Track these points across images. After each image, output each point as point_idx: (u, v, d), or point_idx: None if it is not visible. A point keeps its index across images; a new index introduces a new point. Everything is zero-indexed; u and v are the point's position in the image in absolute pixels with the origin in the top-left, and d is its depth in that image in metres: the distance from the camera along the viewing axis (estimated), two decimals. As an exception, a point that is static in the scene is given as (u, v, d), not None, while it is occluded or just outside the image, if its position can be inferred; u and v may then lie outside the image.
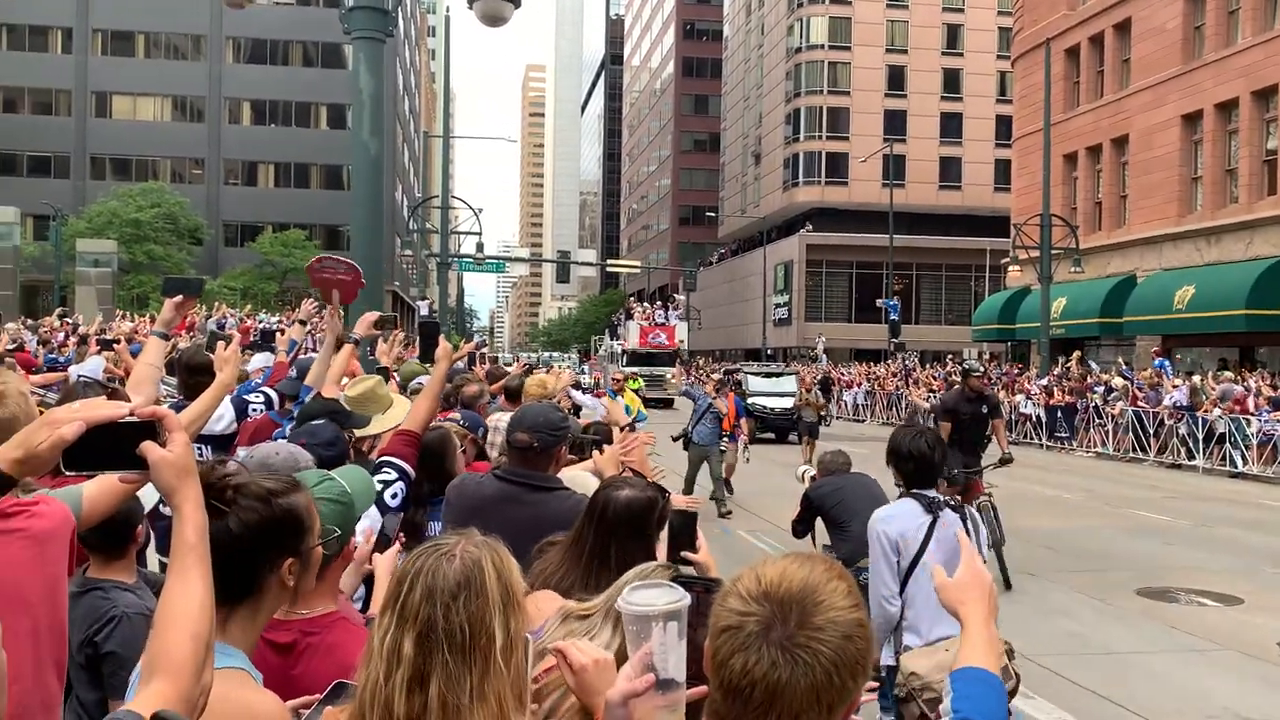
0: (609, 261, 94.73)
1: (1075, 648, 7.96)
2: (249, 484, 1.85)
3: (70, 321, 22.98)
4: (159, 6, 56.65)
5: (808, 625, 1.31)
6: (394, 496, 3.56)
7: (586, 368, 57.42)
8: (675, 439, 14.34)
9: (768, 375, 29.62)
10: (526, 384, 6.92)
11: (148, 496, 3.00)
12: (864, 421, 36.67)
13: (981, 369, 11.21)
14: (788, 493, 10.83)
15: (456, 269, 44.13)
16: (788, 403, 25.19)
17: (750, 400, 24.83)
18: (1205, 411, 21.36)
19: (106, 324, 21.29)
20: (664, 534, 2.99)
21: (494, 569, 1.64)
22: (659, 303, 50.26)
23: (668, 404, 37.54)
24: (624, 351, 41.62)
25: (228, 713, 1.66)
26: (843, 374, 43.48)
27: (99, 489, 2.70)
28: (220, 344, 3.02)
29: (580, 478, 3.71)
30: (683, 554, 2.66)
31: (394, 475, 3.61)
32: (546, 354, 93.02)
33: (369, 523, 3.36)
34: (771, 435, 26.04)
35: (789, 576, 1.36)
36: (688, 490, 13.53)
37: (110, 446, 1.56)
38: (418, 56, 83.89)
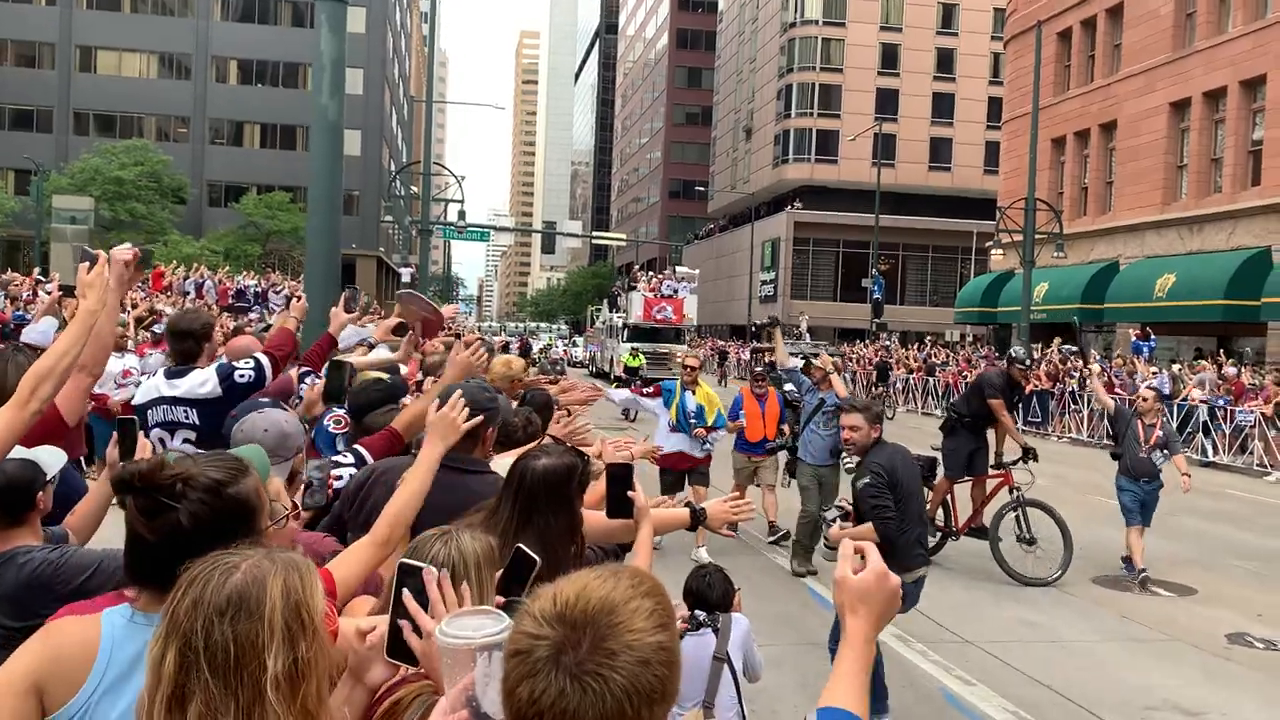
0: (594, 234, 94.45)
1: (1025, 635, 7.97)
2: (196, 476, 1.82)
3: (42, 280, 22.72)
4: (146, -40, 56.00)
5: (600, 650, 1.20)
6: (339, 479, 3.53)
7: (581, 340, 56.68)
8: (772, 452, 10.65)
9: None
10: (493, 366, 6.78)
11: (50, 463, 2.94)
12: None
13: (1027, 362, 11.02)
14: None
15: (441, 236, 43.87)
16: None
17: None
18: (1182, 400, 21.44)
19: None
20: (601, 485, 2.96)
21: (282, 590, 1.49)
22: (668, 271, 46.42)
23: None
24: (625, 325, 38.74)
25: None
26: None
27: None
28: (83, 265, 2.86)
29: (503, 461, 3.64)
30: (628, 495, 2.70)
31: (351, 461, 3.57)
32: (531, 325, 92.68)
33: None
34: None
35: (587, 595, 1.26)
36: (804, 547, 9.49)
37: None
38: (409, 19, 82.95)
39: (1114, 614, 8.76)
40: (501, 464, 3.62)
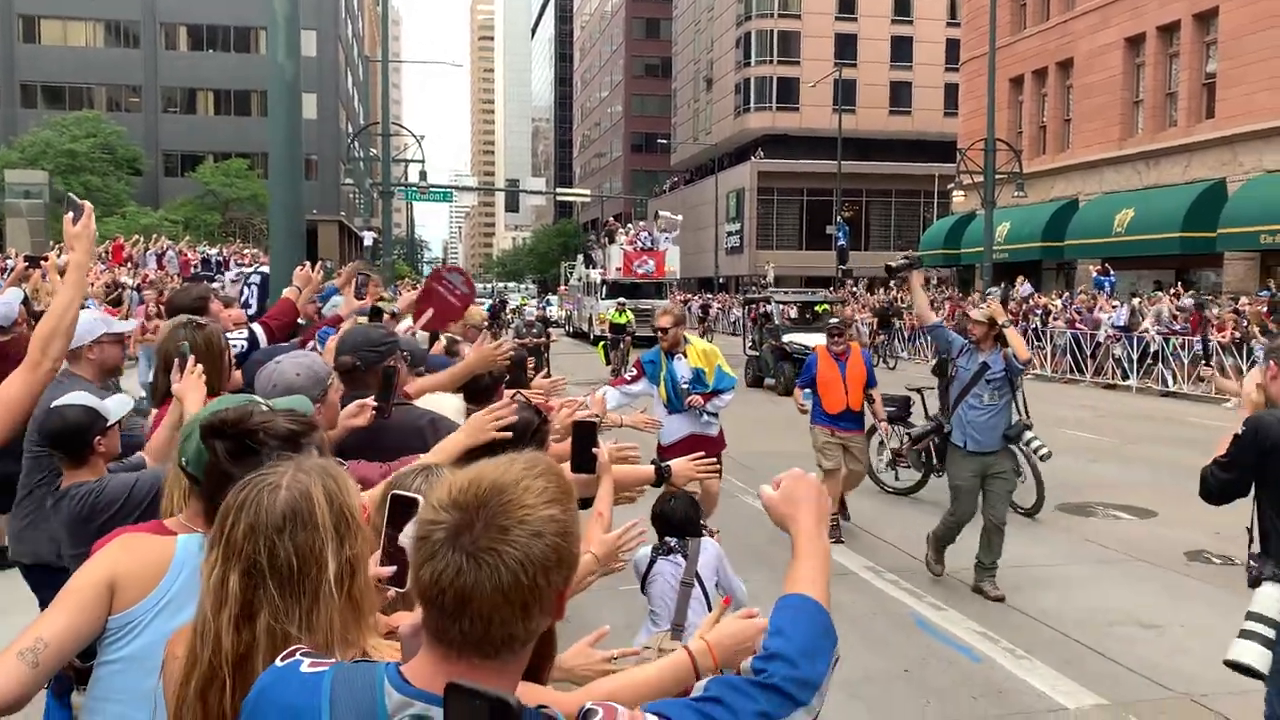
0: (558, 190, 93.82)
1: (991, 561, 8.21)
2: (276, 425, 1.96)
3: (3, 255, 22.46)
4: (85, -75, 54.44)
5: (493, 527, 1.28)
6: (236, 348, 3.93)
7: (554, 299, 55.72)
8: (917, 441, 9.36)
9: (806, 304, 23.48)
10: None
11: (114, 409, 3.06)
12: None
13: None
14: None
15: (403, 198, 43.44)
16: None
17: (787, 340, 20.22)
18: (1142, 332, 21.87)
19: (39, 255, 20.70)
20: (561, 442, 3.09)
21: (325, 496, 1.60)
22: (644, 223, 43.39)
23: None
24: (604, 281, 36.37)
25: None
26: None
27: None
28: (68, 217, 2.92)
29: (443, 399, 3.75)
30: (592, 451, 2.81)
31: (244, 335, 4.04)
32: (501, 285, 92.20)
33: None
34: None
35: (479, 480, 1.33)
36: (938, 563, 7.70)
37: None
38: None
39: (1078, 538, 9.04)
40: (433, 401, 3.72)
